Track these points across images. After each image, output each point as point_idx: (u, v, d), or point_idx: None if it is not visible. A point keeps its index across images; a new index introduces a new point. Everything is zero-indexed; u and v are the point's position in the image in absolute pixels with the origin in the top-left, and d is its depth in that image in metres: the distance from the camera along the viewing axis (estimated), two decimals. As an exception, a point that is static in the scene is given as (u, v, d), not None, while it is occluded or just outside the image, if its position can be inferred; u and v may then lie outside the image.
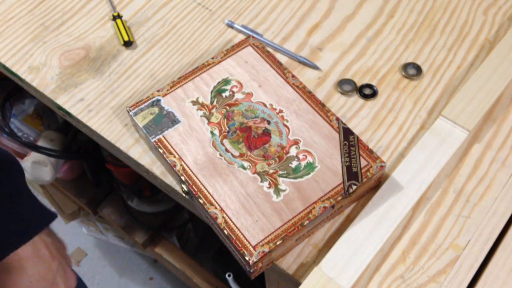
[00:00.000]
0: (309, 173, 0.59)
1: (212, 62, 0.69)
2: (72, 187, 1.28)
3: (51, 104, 0.74)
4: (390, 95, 0.71)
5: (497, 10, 0.78)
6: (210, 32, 0.79)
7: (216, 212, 0.58)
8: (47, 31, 0.79)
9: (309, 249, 0.60)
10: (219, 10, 0.81)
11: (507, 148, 0.66)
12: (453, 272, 0.57)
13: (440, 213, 0.61)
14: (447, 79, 0.72)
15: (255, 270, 0.57)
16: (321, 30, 0.78)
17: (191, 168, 0.61)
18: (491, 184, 0.63)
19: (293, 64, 0.74)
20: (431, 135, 0.64)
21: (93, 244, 1.55)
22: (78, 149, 1.06)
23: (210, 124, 0.64)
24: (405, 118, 0.69)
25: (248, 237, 0.56)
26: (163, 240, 1.24)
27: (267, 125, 0.63)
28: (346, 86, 0.71)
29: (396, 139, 0.67)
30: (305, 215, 0.57)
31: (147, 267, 1.50)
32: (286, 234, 0.56)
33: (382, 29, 0.77)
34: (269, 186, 0.59)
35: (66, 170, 1.21)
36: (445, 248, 0.59)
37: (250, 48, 0.70)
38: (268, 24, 0.79)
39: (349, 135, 0.62)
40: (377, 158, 0.60)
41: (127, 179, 1.05)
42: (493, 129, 0.67)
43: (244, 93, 0.66)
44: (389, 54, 0.75)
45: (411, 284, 0.57)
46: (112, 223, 1.25)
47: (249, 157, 0.61)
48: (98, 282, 1.49)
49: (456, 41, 0.75)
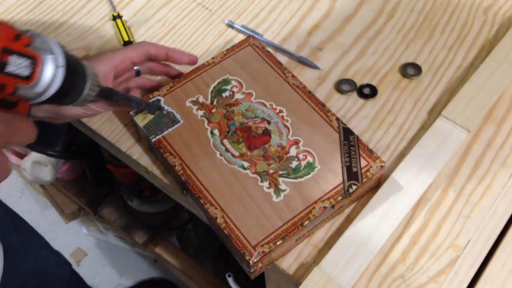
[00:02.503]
0: (309, 173, 0.59)
1: (212, 62, 0.69)
2: (72, 187, 1.28)
3: (51, 104, 0.74)
4: (390, 95, 0.71)
5: (497, 10, 0.78)
6: (210, 32, 0.79)
7: (216, 212, 0.58)
8: (47, 31, 0.79)
9: (309, 249, 0.60)
10: (219, 10, 0.81)
11: (507, 148, 0.65)
12: (453, 272, 0.57)
13: (440, 213, 0.61)
14: (447, 79, 0.72)
15: (255, 270, 0.57)
16: (321, 30, 0.78)
17: (191, 168, 0.61)
18: (491, 184, 0.63)
19: (293, 64, 0.74)
20: (431, 135, 0.64)
21: (93, 244, 1.55)
22: (78, 149, 1.06)
23: (210, 124, 0.64)
24: (405, 118, 0.69)
25: (248, 237, 0.56)
26: (163, 240, 1.24)
27: (267, 125, 0.63)
28: (346, 86, 0.71)
29: (396, 139, 0.67)
30: (305, 215, 0.57)
31: (147, 267, 1.50)
32: (286, 234, 0.56)
33: (382, 29, 0.77)
34: (269, 186, 0.59)
35: (66, 170, 1.21)
36: (445, 248, 0.59)
37: (250, 48, 0.70)
38: (268, 24, 0.79)
39: (349, 135, 0.62)
40: (377, 158, 0.60)
41: (127, 179, 1.05)
42: (493, 129, 0.67)
43: (244, 93, 0.66)
44: (389, 54, 0.75)
45: (411, 284, 0.57)
46: (112, 223, 1.25)
47: (249, 157, 0.61)
48: (98, 282, 1.49)
49: (456, 41, 0.75)
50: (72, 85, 0.48)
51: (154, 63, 0.67)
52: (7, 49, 0.42)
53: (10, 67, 0.42)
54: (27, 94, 0.44)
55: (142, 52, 0.64)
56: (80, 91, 0.50)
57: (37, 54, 0.44)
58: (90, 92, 0.50)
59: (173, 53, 0.66)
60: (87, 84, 0.50)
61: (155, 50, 0.65)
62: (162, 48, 0.66)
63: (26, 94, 0.44)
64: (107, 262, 1.53)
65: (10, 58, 0.42)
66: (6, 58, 0.42)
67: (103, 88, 0.53)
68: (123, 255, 1.53)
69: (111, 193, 1.26)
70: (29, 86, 0.44)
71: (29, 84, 0.44)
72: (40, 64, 0.44)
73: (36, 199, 1.64)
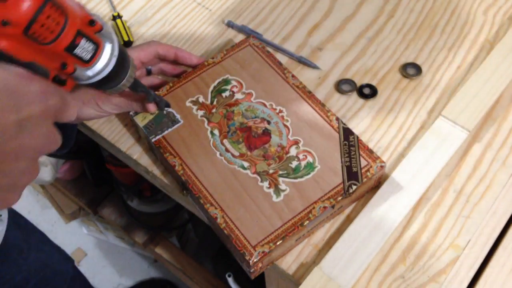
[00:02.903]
0: (309, 173, 0.59)
1: (212, 62, 0.69)
2: (72, 187, 1.28)
3: (51, 104, 0.74)
4: (390, 95, 0.71)
5: (497, 10, 0.78)
6: (210, 32, 0.79)
7: (216, 212, 0.58)
8: (47, 31, 0.79)
9: (309, 249, 0.60)
10: (219, 10, 0.81)
11: (507, 148, 0.65)
12: (453, 272, 0.57)
13: (440, 213, 0.61)
14: (447, 79, 0.72)
15: (255, 270, 0.57)
16: (321, 30, 0.78)
17: (191, 168, 0.61)
18: (491, 184, 0.63)
19: (293, 64, 0.74)
20: (431, 135, 0.64)
21: (93, 244, 1.55)
22: (78, 149, 1.06)
23: (210, 124, 0.64)
24: (405, 118, 0.69)
25: (248, 237, 0.56)
26: (163, 240, 1.24)
27: (267, 125, 0.63)
28: (346, 86, 0.71)
29: (396, 139, 0.67)
30: (305, 215, 0.57)
31: (147, 267, 1.50)
32: (286, 234, 0.56)
33: (382, 29, 0.77)
34: (269, 186, 0.59)
35: (66, 170, 1.21)
36: (445, 248, 0.59)
37: (250, 48, 0.70)
38: (268, 24, 0.79)
39: (349, 135, 0.62)
40: (377, 158, 0.60)
41: (127, 179, 1.05)
42: (493, 129, 0.67)
43: (244, 93, 0.66)
44: (389, 54, 0.75)
45: (411, 284, 0.57)
46: (112, 223, 1.25)
47: (249, 157, 0.61)
48: (98, 282, 1.49)
49: (456, 41, 0.75)
50: (116, 73, 0.52)
51: (165, 63, 0.68)
52: (81, 33, 0.45)
53: (78, 49, 0.46)
54: (79, 75, 0.48)
55: (151, 52, 0.65)
56: (120, 80, 0.53)
57: (101, 41, 0.48)
58: (125, 83, 0.54)
59: (182, 53, 0.67)
60: (127, 75, 0.54)
61: (164, 50, 0.66)
62: (171, 48, 0.66)
63: (79, 75, 0.48)
64: (107, 262, 1.53)
65: (81, 41, 0.46)
66: (79, 40, 0.45)
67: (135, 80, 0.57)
68: (123, 255, 1.53)
69: (111, 193, 1.26)
70: (85, 68, 0.48)
71: (86, 66, 0.48)
72: (100, 51, 0.48)
73: (36, 199, 1.64)
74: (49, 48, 0.43)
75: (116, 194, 1.24)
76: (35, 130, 0.40)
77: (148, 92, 0.60)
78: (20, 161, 0.41)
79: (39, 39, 0.42)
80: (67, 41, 0.44)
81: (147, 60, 0.65)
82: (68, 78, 0.47)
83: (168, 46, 0.66)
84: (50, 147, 0.43)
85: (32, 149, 0.41)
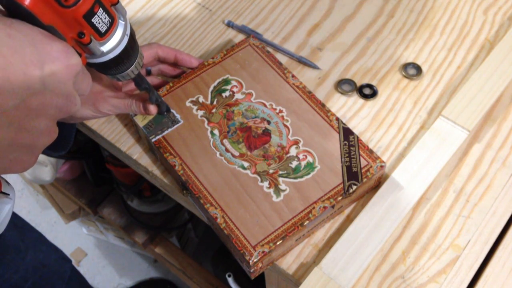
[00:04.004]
0: (309, 173, 0.59)
1: (212, 62, 0.69)
2: (72, 187, 1.28)
3: (51, 104, 0.74)
4: (390, 95, 0.71)
5: (497, 10, 0.78)
6: (210, 32, 0.79)
7: (216, 212, 0.58)
8: (47, 31, 0.79)
9: (309, 249, 0.60)
10: (219, 10, 0.81)
11: (507, 148, 0.66)
12: (453, 272, 0.57)
13: (440, 213, 0.61)
14: (447, 79, 0.72)
15: (255, 270, 0.57)
16: (321, 30, 0.78)
17: (191, 168, 0.61)
18: (491, 184, 0.63)
19: (293, 64, 0.74)
20: (431, 135, 0.64)
21: (93, 244, 1.55)
22: (78, 149, 1.06)
23: (210, 124, 0.64)
24: (405, 118, 0.69)
25: (248, 237, 0.56)
26: (163, 240, 1.24)
27: (267, 125, 0.63)
28: (346, 86, 0.71)
29: (396, 139, 0.67)
30: (305, 215, 0.57)
31: (147, 267, 1.50)
32: (286, 234, 0.56)
33: (382, 29, 0.77)
34: (269, 186, 0.59)
35: (66, 170, 1.21)
36: (445, 248, 0.59)
37: (250, 48, 0.70)
38: (268, 24, 0.79)
39: (349, 135, 0.62)
40: (377, 158, 0.60)
41: (127, 179, 1.05)
42: (493, 129, 0.67)
43: (244, 93, 0.66)
44: (389, 54, 0.75)
45: (411, 284, 0.57)
46: (112, 223, 1.25)
47: (249, 157, 0.61)
48: (98, 282, 1.49)
49: (456, 41, 0.75)
50: (126, 56, 0.51)
51: (165, 65, 0.68)
52: (99, 1, 0.45)
53: (96, 19, 0.45)
54: (93, 49, 0.47)
55: (151, 54, 0.65)
56: (128, 65, 0.52)
57: (116, 16, 0.48)
58: (133, 69, 0.53)
59: (182, 56, 0.67)
60: (135, 61, 0.53)
61: (164, 53, 0.66)
62: (171, 50, 0.67)
63: (93, 48, 0.47)
64: (107, 262, 1.53)
65: (99, 10, 0.45)
66: (97, 8, 0.45)
67: (140, 73, 0.56)
68: (123, 255, 1.52)
69: (111, 193, 1.26)
70: (100, 42, 0.47)
71: (101, 40, 0.47)
72: (115, 26, 0.48)
73: (36, 199, 1.64)
74: (68, 13, 0.43)
75: (116, 194, 1.24)
76: (57, 88, 0.41)
77: (152, 90, 0.60)
78: (41, 119, 0.41)
79: (62, 0, 0.42)
80: (86, 7, 0.44)
81: (147, 61, 0.65)
82: (82, 53, 0.47)
83: (168, 49, 0.66)
84: (69, 108, 0.43)
85: (53, 107, 0.41)
